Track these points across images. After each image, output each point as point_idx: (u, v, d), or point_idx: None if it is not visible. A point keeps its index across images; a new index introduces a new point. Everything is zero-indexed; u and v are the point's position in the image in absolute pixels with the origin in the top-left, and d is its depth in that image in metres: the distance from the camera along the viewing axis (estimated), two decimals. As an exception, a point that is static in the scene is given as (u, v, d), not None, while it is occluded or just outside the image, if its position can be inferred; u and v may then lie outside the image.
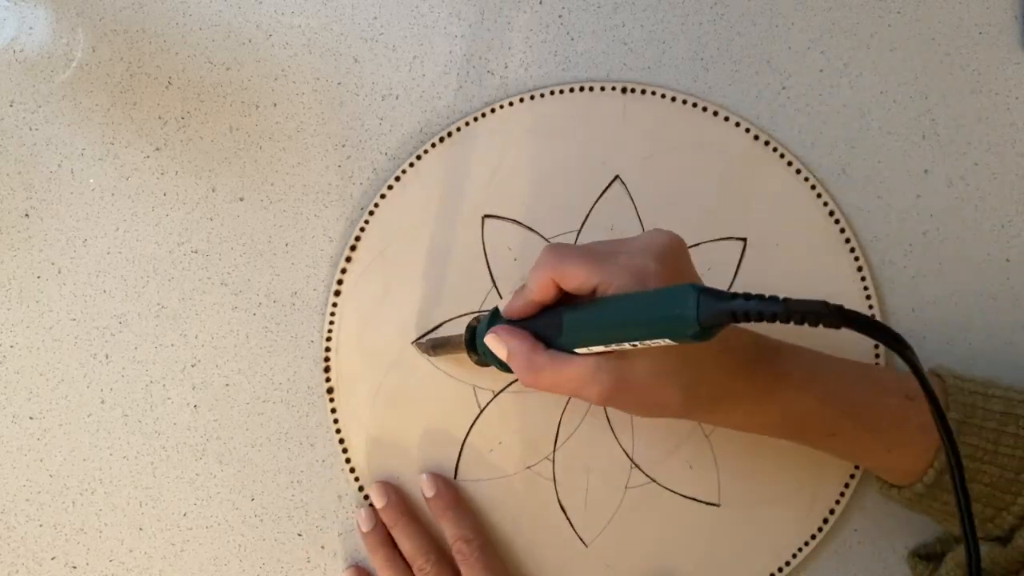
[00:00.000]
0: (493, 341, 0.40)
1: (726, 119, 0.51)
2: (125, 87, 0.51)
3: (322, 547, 0.51)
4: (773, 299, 0.29)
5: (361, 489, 0.51)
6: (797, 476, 0.50)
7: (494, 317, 0.42)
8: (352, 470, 0.51)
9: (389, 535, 0.50)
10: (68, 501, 0.51)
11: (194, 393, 0.51)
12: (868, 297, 0.50)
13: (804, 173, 0.50)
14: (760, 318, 0.29)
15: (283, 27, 0.51)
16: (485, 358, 0.43)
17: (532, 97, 0.51)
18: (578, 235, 0.51)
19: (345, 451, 0.51)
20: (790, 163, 0.51)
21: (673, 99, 0.51)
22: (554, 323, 0.38)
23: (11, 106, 0.51)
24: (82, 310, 0.51)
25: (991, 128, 0.51)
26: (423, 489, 0.49)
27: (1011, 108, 0.51)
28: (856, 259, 0.50)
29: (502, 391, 0.50)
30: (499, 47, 0.52)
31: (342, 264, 0.51)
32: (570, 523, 0.50)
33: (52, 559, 0.51)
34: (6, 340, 0.51)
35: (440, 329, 0.50)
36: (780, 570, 0.50)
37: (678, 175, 0.51)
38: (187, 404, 0.51)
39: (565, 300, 0.39)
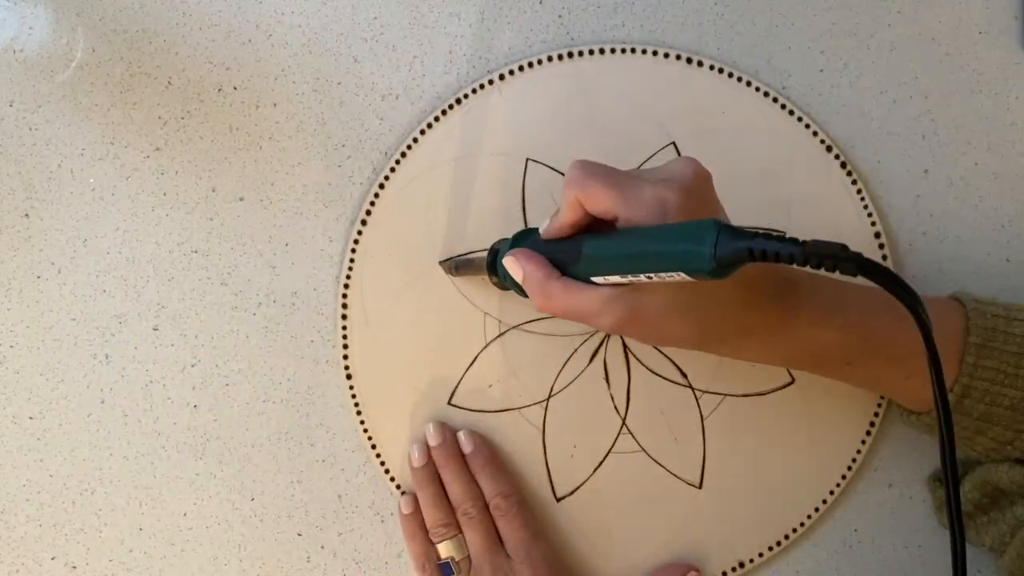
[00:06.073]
0: (511, 263, 0.40)
1: (791, 113, 0.51)
2: (125, 87, 0.51)
3: (322, 547, 0.51)
4: (792, 240, 0.28)
5: (354, 397, 0.51)
6: (792, 468, 0.50)
7: (515, 241, 0.42)
8: (349, 376, 0.51)
9: (437, 474, 0.50)
10: (68, 501, 0.51)
11: (194, 393, 0.51)
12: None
13: (853, 175, 0.50)
14: (777, 258, 0.28)
15: (283, 27, 0.51)
16: (504, 281, 0.43)
17: (602, 51, 0.50)
18: None
19: (346, 357, 0.51)
20: (843, 164, 0.50)
21: (742, 80, 0.50)
22: (574, 250, 0.38)
23: (11, 106, 0.51)
24: (82, 310, 0.51)
25: (991, 128, 0.51)
26: (462, 445, 0.50)
27: (1011, 108, 0.51)
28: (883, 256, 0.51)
29: (509, 330, 0.50)
30: (499, 47, 0.52)
31: (380, 180, 0.51)
32: (549, 475, 0.50)
33: (52, 559, 0.51)
34: (6, 340, 0.51)
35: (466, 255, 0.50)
36: (752, 560, 0.50)
37: (733, 155, 0.50)
38: (187, 404, 0.51)
39: (593, 228, 0.38)
